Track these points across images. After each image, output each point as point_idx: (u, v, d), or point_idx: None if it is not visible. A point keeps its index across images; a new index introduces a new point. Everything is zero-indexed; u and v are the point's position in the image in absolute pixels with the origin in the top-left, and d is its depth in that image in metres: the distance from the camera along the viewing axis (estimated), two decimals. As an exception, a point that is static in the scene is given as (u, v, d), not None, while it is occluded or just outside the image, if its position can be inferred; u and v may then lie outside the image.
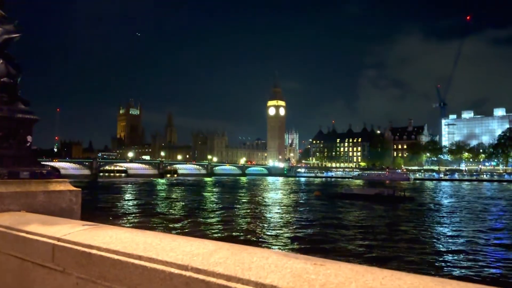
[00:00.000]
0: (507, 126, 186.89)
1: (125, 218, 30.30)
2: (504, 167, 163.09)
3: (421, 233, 25.19)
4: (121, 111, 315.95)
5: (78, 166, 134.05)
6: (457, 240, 22.76)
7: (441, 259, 18.17)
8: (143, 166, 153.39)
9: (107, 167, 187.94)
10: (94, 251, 2.22)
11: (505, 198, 57.41)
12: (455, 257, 18.30)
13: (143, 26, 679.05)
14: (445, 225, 29.28)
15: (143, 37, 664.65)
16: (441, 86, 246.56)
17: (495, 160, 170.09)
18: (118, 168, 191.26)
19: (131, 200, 49.34)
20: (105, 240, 2.29)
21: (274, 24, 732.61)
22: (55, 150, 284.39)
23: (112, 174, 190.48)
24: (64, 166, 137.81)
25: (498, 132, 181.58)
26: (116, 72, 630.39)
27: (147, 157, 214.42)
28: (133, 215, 32.77)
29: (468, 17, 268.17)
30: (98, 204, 42.31)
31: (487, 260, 17.75)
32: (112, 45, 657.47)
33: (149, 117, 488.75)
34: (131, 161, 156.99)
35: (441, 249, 20.43)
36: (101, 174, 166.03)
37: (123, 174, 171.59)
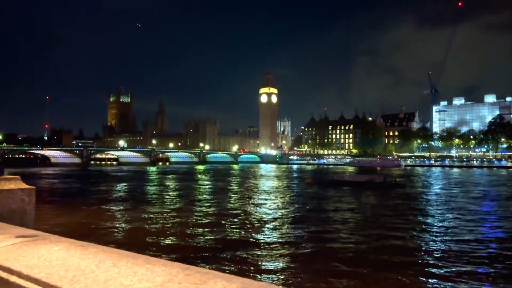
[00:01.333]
0: (498, 112, 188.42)
1: (111, 206, 29.88)
2: (494, 153, 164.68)
3: (410, 220, 25.17)
4: (111, 99, 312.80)
5: (68, 154, 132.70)
6: (444, 225, 22.76)
7: (430, 243, 18.11)
8: (135, 154, 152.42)
9: (98, 155, 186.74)
10: (13, 279, 1.77)
11: (493, 184, 57.91)
12: (442, 241, 18.26)
13: (135, 15, 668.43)
14: (435, 211, 29.33)
15: (134, 24, 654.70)
16: (433, 72, 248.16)
17: (485, 146, 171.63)
18: (109, 156, 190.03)
19: (121, 188, 48.83)
20: (31, 262, 1.84)
21: (266, 11, 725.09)
22: (45, 138, 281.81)
23: (103, 162, 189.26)
24: (54, 154, 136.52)
25: (489, 118, 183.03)
26: (107, 59, 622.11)
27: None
28: (120, 203, 32.36)
29: (460, 3, 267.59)
30: (87, 192, 41.88)
31: (473, 242, 17.73)
32: (103, 32, 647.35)
33: (140, 105, 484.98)
34: (123, 149, 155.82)
35: (430, 234, 20.37)
36: (92, 162, 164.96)
37: (114, 162, 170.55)
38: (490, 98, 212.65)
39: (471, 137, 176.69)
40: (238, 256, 15.55)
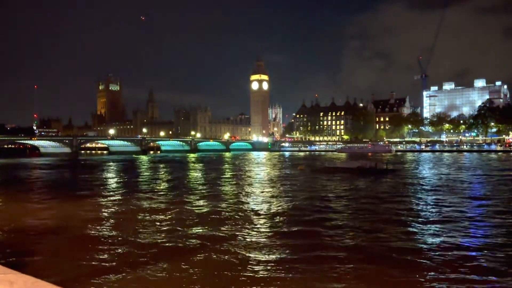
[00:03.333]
0: (487, 97, 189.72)
1: (99, 197, 29.43)
2: (484, 138, 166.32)
3: (401, 205, 25.11)
4: (100, 87, 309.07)
5: (58, 144, 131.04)
6: (436, 209, 22.76)
7: (421, 228, 18.04)
8: (125, 143, 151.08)
9: (88, 145, 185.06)
10: None
11: (483, 168, 58.36)
12: (434, 226, 18.21)
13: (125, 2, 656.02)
14: (426, 195, 29.35)
15: (123, 10, 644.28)
16: (423, 57, 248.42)
17: (475, 131, 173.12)
18: (99, 145, 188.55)
19: (111, 178, 48.24)
20: None
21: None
22: (34, 127, 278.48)
23: (93, 151, 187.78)
24: (43, 144, 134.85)
25: (478, 103, 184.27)
26: (95, 46, 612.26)
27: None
28: (109, 193, 31.90)
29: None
30: (76, 183, 41.34)
31: (465, 227, 17.73)
32: (91, 19, 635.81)
33: (130, 92, 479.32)
34: (112, 138, 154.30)
35: (421, 218, 20.32)
36: (82, 151, 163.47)
37: (104, 152, 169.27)
38: (479, 83, 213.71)
39: (461, 121, 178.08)
40: (230, 242, 15.31)
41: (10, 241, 16.57)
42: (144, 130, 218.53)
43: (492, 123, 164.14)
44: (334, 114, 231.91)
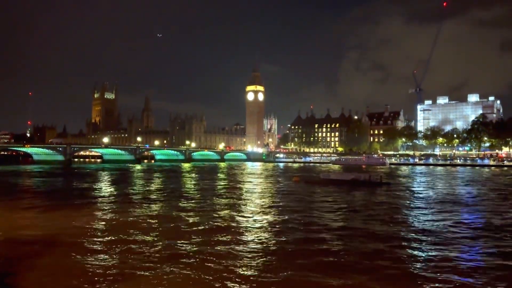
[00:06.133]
0: (481, 111, 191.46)
1: (90, 206, 29.21)
2: (477, 152, 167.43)
3: (394, 217, 25.15)
4: (95, 95, 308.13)
5: (51, 151, 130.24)
6: (430, 222, 22.83)
7: (415, 241, 18.07)
8: (119, 151, 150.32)
9: (82, 153, 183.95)
10: None
11: (474, 182, 58.68)
12: (427, 238, 18.24)
13: (120, 6, 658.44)
14: (419, 208, 29.45)
15: (118, 19, 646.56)
16: (418, 71, 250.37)
17: (468, 145, 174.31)
18: (93, 153, 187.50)
19: (103, 187, 47.94)
20: None
21: (254, 6, 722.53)
22: (28, 135, 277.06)
23: (87, 160, 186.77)
24: (37, 151, 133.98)
25: (472, 117, 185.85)
26: (92, 53, 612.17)
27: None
28: (100, 203, 31.67)
29: (444, 4, 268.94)
30: (67, 192, 41.03)
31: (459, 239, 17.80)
32: (87, 26, 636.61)
33: (125, 100, 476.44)
34: (106, 146, 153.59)
35: (415, 232, 20.36)
36: (76, 159, 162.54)
37: (98, 160, 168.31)
38: (473, 98, 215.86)
39: (455, 136, 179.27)
40: (223, 253, 15.22)
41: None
42: (139, 138, 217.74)
43: (485, 138, 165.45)
44: (329, 126, 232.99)
